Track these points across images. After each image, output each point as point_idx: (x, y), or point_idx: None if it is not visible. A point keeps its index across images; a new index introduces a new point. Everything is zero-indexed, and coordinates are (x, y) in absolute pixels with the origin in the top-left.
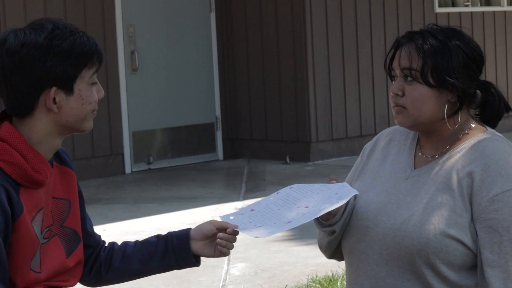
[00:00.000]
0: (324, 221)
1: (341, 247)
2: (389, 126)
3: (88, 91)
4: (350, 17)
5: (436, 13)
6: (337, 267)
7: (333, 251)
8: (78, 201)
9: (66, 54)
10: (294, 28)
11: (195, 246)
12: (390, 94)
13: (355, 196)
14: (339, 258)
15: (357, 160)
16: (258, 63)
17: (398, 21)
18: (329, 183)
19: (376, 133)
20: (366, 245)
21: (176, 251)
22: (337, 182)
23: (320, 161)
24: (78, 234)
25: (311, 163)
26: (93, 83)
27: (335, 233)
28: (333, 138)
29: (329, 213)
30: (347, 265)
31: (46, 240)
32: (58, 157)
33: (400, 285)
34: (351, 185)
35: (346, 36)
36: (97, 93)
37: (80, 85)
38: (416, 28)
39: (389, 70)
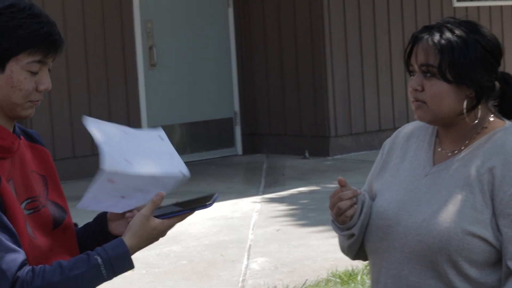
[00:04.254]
0: (341, 224)
1: (363, 248)
2: (407, 121)
3: (20, 76)
4: (368, 11)
5: (454, 7)
6: (357, 261)
7: (356, 253)
8: (57, 177)
9: (7, 32)
10: (312, 22)
11: (111, 226)
12: (409, 89)
13: (376, 195)
14: (363, 258)
15: (377, 157)
16: (276, 58)
17: (416, 15)
18: (340, 187)
19: (395, 128)
20: (389, 244)
21: (101, 235)
22: (345, 185)
23: (339, 156)
24: (62, 207)
25: (330, 157)
26: (33, 72)
27: (354, 236)
28: (352, 133)
29: (345, 216)
30: (371, 264)
31: (30, 212)
32: (28, 135)
33: (423, 283)
34: (372, 184)
35: (364, 30)
36: (37, 84)
37: (13, 67)
38: (434, 22)
39: (407, 65)
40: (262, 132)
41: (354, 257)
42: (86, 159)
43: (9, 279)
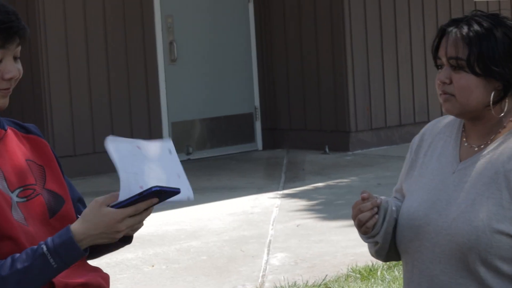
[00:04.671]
0: (364, 234)
1: (392, 251)
2: (428, 115)
3: None
4: (389, 6)
5: (475, 2)
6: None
7: (385, 257)
8: (57, 167)
9: None
10: (332, 17)
11: None
12: (437, 82)
13: (406, 195)
14: (395, 259)
15: (406, 156)
16: (297, 53)
17: (437, 9)
18: (361, 199)
19: (415, 123)
20: (420, 243)
21: None
22: (369, 197)
23: (359, 151)
24: (60, 196)
25: (350, 152)
26: None
27: (379, 244)
28: (372, 128)
29: (366, 227)
30: (403, 264)
31: (24, 200)
32: (22, 127)
33: (455, 282)
34: (402, 183)
35: (384, 25)
36: (2, 72)
37: None
38: (455, 16)
39: (434, 58)
40: (282, 127)
41: (385, 260)
42: (107, 155)
43: None
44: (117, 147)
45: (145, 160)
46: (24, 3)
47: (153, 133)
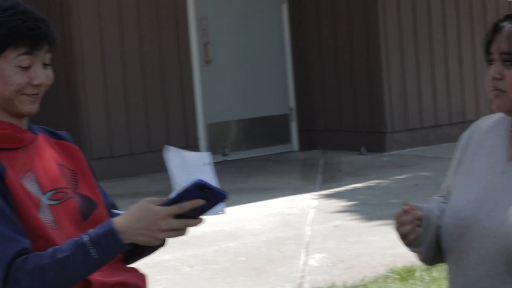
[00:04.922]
0: (407, 246)
1: (438, 257)
2: (464, 116)
3: (10, 72)
4: (423, 6)
5: (510, 1)
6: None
7: (431, 263)
8: (89, 172)
9: None
10: (366, 18)
11: None
12: (488, 77)
13: (453, 192)
14: (441, 262)
15: (454, 154)
16: (331, 53)
17: (471, 9)
18: (402, 211)
19: (451, 123)
20: (466, 244)
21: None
22: (410, 209)
23: (395, 152)
24: (92, 200)
25: (386, 153)
26: (24, 67)
27: (422, 254)
28: (408, 128)
29: (409, 241)
30: (448, 264)
31: (56, 202)
32: (54, 134)
33: (499, 286)
34: (450, 181)
35: (419, 24)
36: (31, 78)
37: (2, 65)
38: (490, 16)
39: (486, 53)
40: (318, 128)
41: (431, 264)
42: (144, 156)
43: (3, 266)
44: (171, 157)
45: (190, 171)
46: (59, 7)
47: (189, 135)
